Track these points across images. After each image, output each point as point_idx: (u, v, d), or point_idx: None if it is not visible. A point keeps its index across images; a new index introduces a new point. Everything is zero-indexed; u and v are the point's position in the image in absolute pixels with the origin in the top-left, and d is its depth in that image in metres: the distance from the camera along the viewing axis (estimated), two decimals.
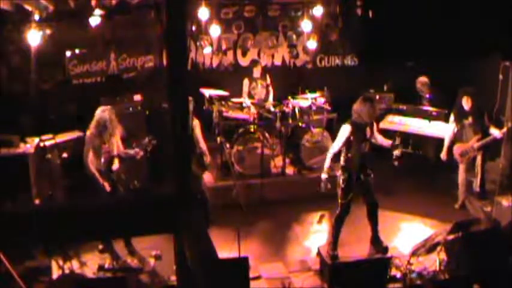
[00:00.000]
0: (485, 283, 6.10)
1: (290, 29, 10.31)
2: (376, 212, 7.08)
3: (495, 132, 7.94)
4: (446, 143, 8.23)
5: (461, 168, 8.23)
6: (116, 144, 7.12)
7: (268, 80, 9.65)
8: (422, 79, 9.33)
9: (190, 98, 7.53)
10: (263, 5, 10.06)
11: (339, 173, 6.94)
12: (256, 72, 9.57)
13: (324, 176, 6.89)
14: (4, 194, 6.70)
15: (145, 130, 8.75)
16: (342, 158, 6.88)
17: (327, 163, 6.89)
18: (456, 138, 8.17)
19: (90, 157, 6.92)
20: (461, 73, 9.38)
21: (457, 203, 8.34)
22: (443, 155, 8.25)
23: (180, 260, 3.77)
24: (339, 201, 6.90)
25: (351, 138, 6.72)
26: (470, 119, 8.04)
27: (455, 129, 8.18)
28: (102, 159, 6.96)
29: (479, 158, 8.17)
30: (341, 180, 6.85)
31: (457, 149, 8.14)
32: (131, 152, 7.23)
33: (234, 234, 6.61)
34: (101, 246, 7.13)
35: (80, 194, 7.53)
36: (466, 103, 7.99)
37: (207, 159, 7.58)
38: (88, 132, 7.02)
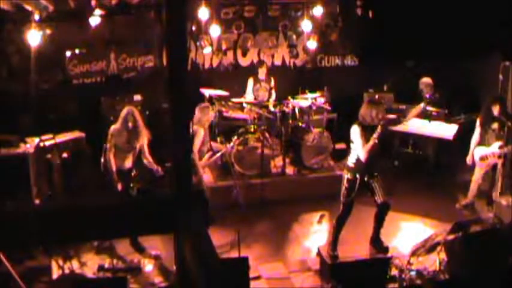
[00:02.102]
0: (484, 283, 6.10)
1: (290, 29, 10.31)
2: (384, 213, 7.00)
3: None
4: (472, 147, 8.09)
5: (478, 173, 8.10)
6: (142, 148, 7.14)
7: (273, 83, 9.66)
8: (426, 80, 9.32)
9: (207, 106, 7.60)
10: (263, 5, 10.04)
11: (344, 172, 6.94)
12: (262, 73, 9.58)
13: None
14: (4, 194, 6.70)
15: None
16: (349, 159, 6.86)
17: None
18: (478, 142, 8.09)
19: (113, 153, 6.95)
20: (461, 73, 9.40)
21: (459, 203, 8.30)
22: (468, 159, 8.14)
23: (180, 260, 3.77)
24: (342, 200, 6.90)
25: (363, 139, 6.71)
26: (495, 125, 7.94)
27: (481, 133, 8.05)
28: (123, 158, 6.98)
29: (500, 166, 8.06)
30: (345, 180, 6.85)
31: (478, 151, 8.07)
32: (154, 166, 7.23)
33: (234, 234, 6.62)
34: (96, 243, 7.11)
35: (80, 194, 7.53)
36: (495, 108, 7.90)
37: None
38: (112, 127, 7.06)
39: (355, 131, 6.74)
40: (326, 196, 7.92)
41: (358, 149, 6.71)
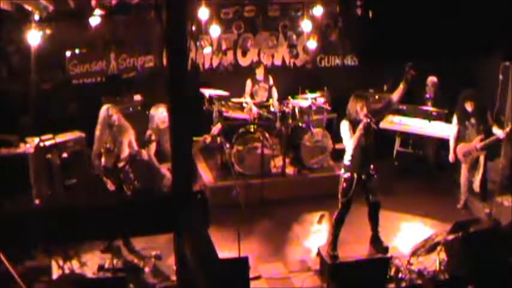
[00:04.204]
0: (484, 283, 6.10)
1: (290, 29, 10.31)
2: (377, 212, 7.09)
3: (498, 132, 7.91)
4: (452, 144, 8.17)
5: (464, 168, 8.20)
6: (129, 143, 7.11)
7: (271, 82, 9.65)
8: (431, 79, 9.32)
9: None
10: (263, 5, 10.05)
11: (341, 171, 6.95)
12: (259, 74, 9.57)
13: None
14: (4, 194, 6.70)
15: (145, 130, 8.75)
16: (345, 157, 6.88)
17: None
18: (459, 139, 8.14)
19: (98, 155, 6.95)
20: (461, 73, 9.40)
21: (459, 203, 8.31)
22: (451, 157, 8.20)
23: (180, 260, 3.77)
24: (340, 199, 6.91)
25: (351, 133, 6.73)
26: (473, 120, 8.00)
27: (458, 130, 8.12)
28: (111, 156, 6.97)
29: (482, 159, 8.14)
30: (343, 179, 6.87)
31: (460, 149, 8.10)
32: (135, 151, 7.20)
33: (234, 234, 6.62)
34: (102, 247, 7.11)
35: (80, 194, 7.53)
36: (469, 106, 7.96)
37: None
38: (96, 131, 7.05)
39: (343, 126, 6.77)
40: (326, 196, 7.92)
41: (347, 144, 6.74)
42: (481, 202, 8.19)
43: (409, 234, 7.68)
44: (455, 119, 8.19)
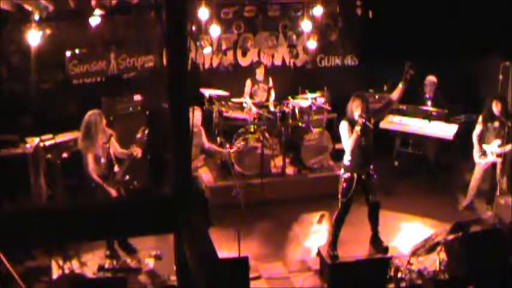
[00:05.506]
0: (484, 283, 6.10)
1: (290, 29, 10.31)
2: (377, 212, 7.09)
3: None
4: (476, 142, 8.04)
5: (478, 171, 8.09)
6: (113, 146, 7.04)
7: (271, 83, 9.65)
8: (431, 78, 9.30)
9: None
10: (263, 5, 10.05)
11: (341, 171, 6.95)
12: (259, 74, 9.57)
13: None
14: (4, 194, 6.69)
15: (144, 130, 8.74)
16: (344, 157, 6.89)
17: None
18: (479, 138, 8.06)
19: (91, 166, 6.76)
20: (461, 73, 9.40)
21: (461, 203, 8.29)
22: (478, 151, 8.04)
23: (180, 260, 3.77)
24: (340, 199, 6.91)
25: (350, 134, 6.73)
26: (496, 123, 7.91)
27: (482, 130, 8.02)
28: (102, 163, 6.89)
29: (499, 166, 8.01)
30: (343, 179, 6.87)
31: (477, 150, 8.07)
32: (128, 152, 7.06)
33: (234, 234, 6.62)
34: (108, 252, 7.06)
35: (80, 194, 7.52)
36: (496, 107, 7.86)
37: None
38: (80, 143, 6.87)
39: (342, 127, 6.78)
40: (326, 196, 7.93)
41: (346, 144, 6.74)
42: (486, 204, 8.15)
43: (409, 234, 7.68)
44: (480, 119, 8.07)
